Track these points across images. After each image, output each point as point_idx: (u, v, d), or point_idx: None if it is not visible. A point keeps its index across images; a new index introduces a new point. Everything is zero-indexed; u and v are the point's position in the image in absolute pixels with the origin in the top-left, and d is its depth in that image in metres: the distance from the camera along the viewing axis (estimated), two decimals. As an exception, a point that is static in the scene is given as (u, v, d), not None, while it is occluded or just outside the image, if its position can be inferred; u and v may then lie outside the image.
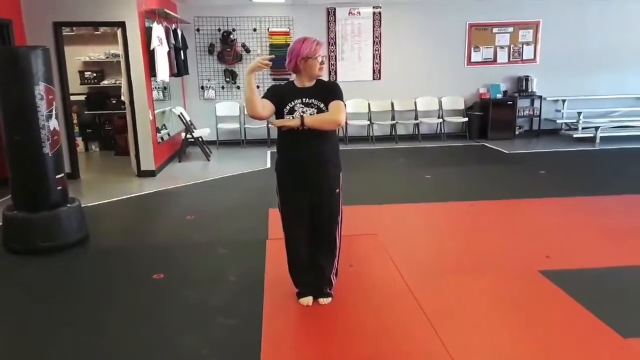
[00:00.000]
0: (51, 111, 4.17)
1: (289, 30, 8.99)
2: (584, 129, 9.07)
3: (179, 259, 4.11)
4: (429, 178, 6.63)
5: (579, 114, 9.12)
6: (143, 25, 6.74)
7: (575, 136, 8.99)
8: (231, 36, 8.95)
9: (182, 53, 8.12)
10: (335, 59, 9.24)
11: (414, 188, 6.21)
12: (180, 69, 7.92)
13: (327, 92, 3.01)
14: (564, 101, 9.44)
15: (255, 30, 9.00)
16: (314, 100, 2.97)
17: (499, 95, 9.38)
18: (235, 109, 9.12)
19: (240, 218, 5.11)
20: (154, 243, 4.53)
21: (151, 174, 6.93)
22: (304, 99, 2.97)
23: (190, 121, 8.26)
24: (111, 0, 6.46)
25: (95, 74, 8.95)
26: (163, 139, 7.64)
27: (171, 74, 7.50)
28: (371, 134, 9.33)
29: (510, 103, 9.32)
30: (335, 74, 9.26)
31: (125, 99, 6.99)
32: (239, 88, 9.11)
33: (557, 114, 9.56)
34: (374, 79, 9.38)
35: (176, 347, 2.83)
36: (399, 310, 3.17)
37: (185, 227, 4.88)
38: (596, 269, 3.72)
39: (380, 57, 9.32)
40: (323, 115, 2.96)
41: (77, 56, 8.72)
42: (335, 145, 3.15)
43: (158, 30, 6.93)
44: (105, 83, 8.99)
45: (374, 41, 9.27)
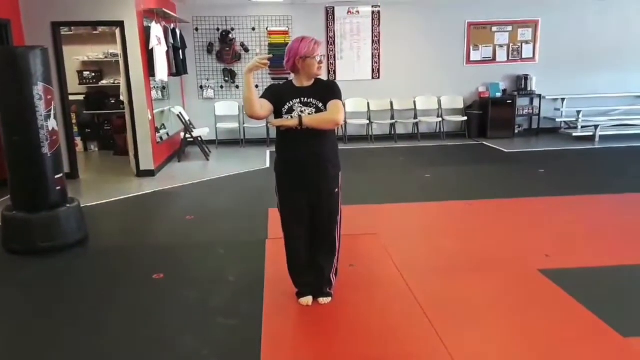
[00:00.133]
0: (49, 111, 4.17)
1: (287, 29, 8.98)
2: (583, 127, 9.08)
3: (179, 259, 4.10)
4: (428, 177, 6.63)
5: (578, 112, 9.12)
6: (141, 25, 6.73)
7: (574, 135, 9.00)
8: (230, 35, 8.94)
9: (181, 52, 8.12)
10: (334, 57, 9.24)
11: (413, 187, 6.21)
12: (178, 68, 7.91)
13: (326, 91, 3.00)
14: (563, 100, 9.44)
15: (254, 29, 8.99)
16: (312, 100, 2.97)
17: (498, 94, 9.37)
18: (234, 108, 9.11)
19: (240, 218, 5.10)
20: (154, 243, 4.53)
21: (150, 173, 6.93)
22: (302, 98, 2.97)
23: (189, 120, 8.25)
24: (109, 0, 6.45)
25: (93, 74, 8.94)
26: (162, 138, 7.63)
27: (170, 74, 7.50)
28: (370, 133, 9.32)
29: (509, 102, 9.32)
30: (334, 72, 9.26)
31: (123, 98, 6.98)
32: (237, 87, 9.10)
33: (556, 112, 9.56)
34: (372, 77, 9.38)
35: (176, 347, 2.83)
36: (398, 310, 3.17)
37: (185, 227, 4.88)
38: (596, 267, 3.72)
39: (379, 56, 9.31)
40: (321, 114, 2.95)
41: (76, 56, 8.71)
42: (334, 144, 3.14)
43: (156, 30, 6.92)
44: (103, 82, 8.98)
45: (373, 40, 9.26)
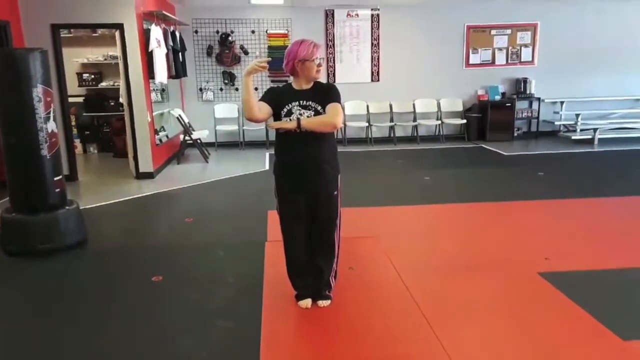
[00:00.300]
0: (49, 113, 4.17)
1: (287, 31, 8.99)
2: (582, 130, 9.10)
3: (178, 261, 4.10)
4: (427, 180, 6.63)
5: (577, 115, 9.14)
6: (141, 27, 6.73)
7: (573, 138, 9.01)
8: (229, 38, 8.95)
9: (180, 55, 8.13)
10: (334, 60, 9.25)
11: (412, 190, 6.21)
12: (178, 70, 7.92)
13: (324, 94, 3.00)
14: (562, 103, 9.46)
15: (253, 32, 9.01)
16: (311, 102, 2.97)
17: (497, 97, 9.39)
18: (233, 110, 9.11)
19: (239, 220, 5.10)
20: (153, 245, 4.52)
21: (149, 175, 6.93)
22: (301, 101, 2.97)
23: (189, 123, 8.25)
24: (109, 2, 6.45)
25: (93, 76, 8.95)
26: (161, 140, 7.64)
27: (169, 76, 7.51)
28: (369, 136, 9.33)
29: (509, 104, 9.35)
30: (334, 75, 9.27)
31: (123, 100, 6.98)
32: (237, 90, 9.11)
33: (555, 115, 9.58)
34: (372, 80, 9.39)
35: (175, 349, 2.83)
36: (398, 312, 3.17)
37: (184, 229, 4.88)
38: (595, 270, 3.72)
39: (378, 59, 9.33)
40: (319, 117, 2.95)
41: (75, 58, 8.72)
42: (333, 147, 3.14)
43: (156, 32, 6.93)
44: (103, 85, 8.99)
45: (372, 43, 9.28)
